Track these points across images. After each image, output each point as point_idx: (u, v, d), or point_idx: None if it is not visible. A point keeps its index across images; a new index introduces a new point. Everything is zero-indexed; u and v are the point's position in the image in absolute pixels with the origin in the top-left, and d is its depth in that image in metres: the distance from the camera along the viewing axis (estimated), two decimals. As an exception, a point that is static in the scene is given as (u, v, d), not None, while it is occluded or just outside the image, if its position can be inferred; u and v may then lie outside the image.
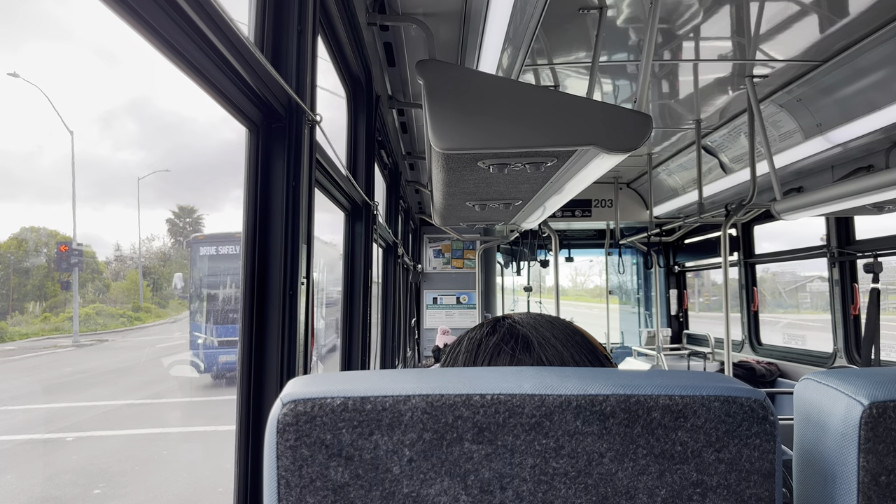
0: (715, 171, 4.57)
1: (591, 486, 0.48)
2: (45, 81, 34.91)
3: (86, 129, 35.08)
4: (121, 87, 46.08)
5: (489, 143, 1.37)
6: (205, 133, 46.37)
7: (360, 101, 2.59)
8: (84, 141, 34.82)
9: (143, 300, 13.69)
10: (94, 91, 43.64)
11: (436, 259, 6.76)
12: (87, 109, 42.82)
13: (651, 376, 0.51)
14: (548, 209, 2.50)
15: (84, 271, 12.41)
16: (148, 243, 10.47)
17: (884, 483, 0.57)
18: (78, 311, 12.62)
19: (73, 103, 38.26)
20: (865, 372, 0.62)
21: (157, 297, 13.18)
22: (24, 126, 43.01)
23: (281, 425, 0.48)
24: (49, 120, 30.75)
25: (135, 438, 8.42)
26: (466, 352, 0.73)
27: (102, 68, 42.20)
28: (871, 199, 2.62)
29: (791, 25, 2.51)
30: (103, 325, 12.34)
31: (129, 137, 51.38)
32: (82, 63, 41.73)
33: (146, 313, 14.09)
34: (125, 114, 48.66)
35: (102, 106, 44.28)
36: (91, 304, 11.37)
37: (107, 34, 40.61)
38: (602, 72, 3.06)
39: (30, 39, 38.67)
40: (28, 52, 36.70)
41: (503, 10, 1.79)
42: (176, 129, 47.35)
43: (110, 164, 31.43)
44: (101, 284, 11.21)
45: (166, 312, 13.07)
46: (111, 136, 46.28)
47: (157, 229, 30.26)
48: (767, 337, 5.77)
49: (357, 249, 2.62)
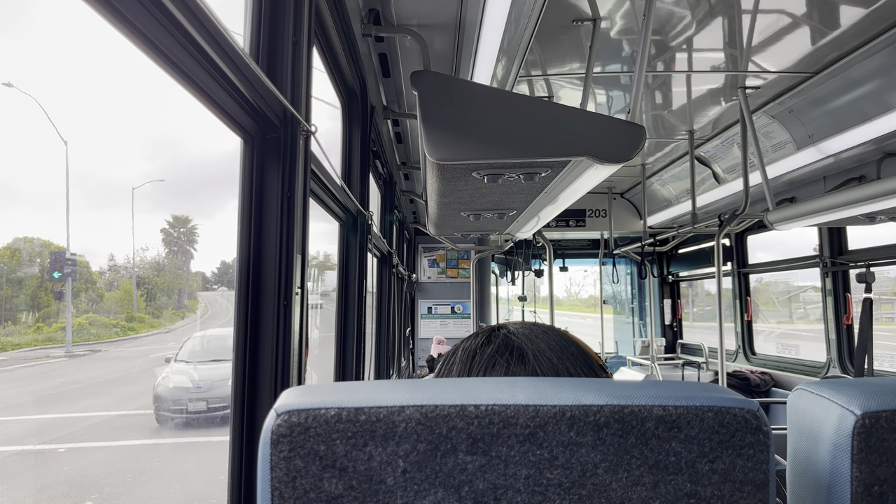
0: (708, 181, 4.59)
1: (585, 496, 0.48)
2: (41, 90, 34.85)
3: (81, 138, 35.04)
4: (116, 96, 46.11)
5: (483, 153, 1.38)
6: (200, 143, 46.23)
7: (354, 112, 2.59)
8: (79, 151, 34.75)
9: (137, 310, 13.53)
10: (90, 100, 43.68)
11: (430, 269, 6.76)
12: (87, 119, 42.83)
13: (645, 387, 0.51)
14: (542, 219, 2.50)
15: (78, 281, 12.27)
16: (142, 253, 10.34)
17: (877, 493, 0.57)
18: (71, 322, 12.39)
19: (68, 113, 38.26)
20: (858, 382, 0.62)
21: (150, 308, 13.06)
22: (20, 135, 42.80)
23: (275, 436, 0.48)
24: (44, 129, 30.68)
25: (127, 449, 8.36)
26: (461, 362, 0.73)
27: (96, 77, 42.24)
28: (863, 210, 2.64)
29: (783, 37, 2.53)
30: (96, 336, 12.15)
31: (126, 148, 51.34)
32: (75, 71, 41.74)
33: (140, 323, 13.90)
34: (122, 125, 48.73)
35: (100, 116, 44.34)
36: (84, 315, 11.20)
37: (101, 44, 40.59)
38: (596, 83, 3.08)
39: (24, 46, 38.67)
40: (20, 58, 36.77)
41: (497, 21, 1.80)
42: (172, 140, 47.28)
43: (105, 174, 31.19)
44: (94, 294, 11.07)
45: (160, 322, 12.93)
46: (108, 147, 46.32)
47: (152, 239, 29.91)
48: (761, 346, 5.78)
49: (352, 259, 2.61)
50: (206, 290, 13.88)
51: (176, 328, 12.32)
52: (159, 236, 21.51)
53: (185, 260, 15.43)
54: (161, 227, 15.68)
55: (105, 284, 10.40)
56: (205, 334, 12.48)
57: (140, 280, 11.52)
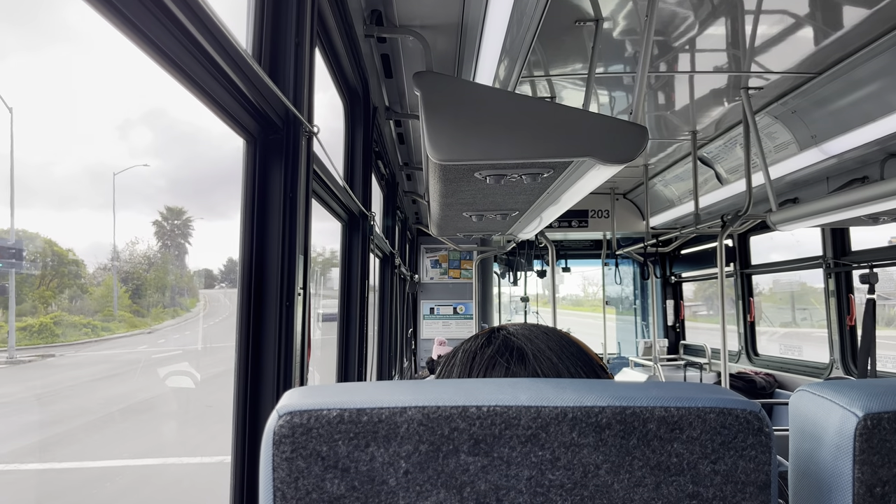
0: (711, 182, 4.58)
1: (587, 497, 0.48)
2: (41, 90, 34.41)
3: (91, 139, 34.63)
4: (117, 95, 45.94)
5: (486, 154, 1.38)
6: (216, 142, 45.91)
7: (357, 113, 2.60)
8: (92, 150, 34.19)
9: (119, 308, 12.45)
10: (94, 100, 43.50)
11: (433, 269, 6.76)
12: (99, 118, 42.44)
13: (647, 388, 0.51)
14: (544, 220, 2.50)
15: (67, 277, 11.42)
16: (131, 247, 9.67)
17: (878, 494, 0.57)
18: (14, 323, 10.48)
19: (80, 110, 37.89)
20: (861, 383, 0.62)
21: (136, 305, 12.22)
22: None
23: (277, 437, 0.48)
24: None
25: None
26: (461, 364, 0.73)
27: (96, 76, 42.01)
28: (867, 211, 2.63)
29: (786, 38, 2.52)
30: (62, 337, 10.42)
31: (140, 145, 50.71)
32: (73, 72, 41.49)
33: (119, 323, 12.58)
34: (126, 123, 48.51)
35: (109, 115, 44.05)
36: (52, 314, 9.90)
37: (103, 44, 40.29)
38: (598, 83, 3.08)
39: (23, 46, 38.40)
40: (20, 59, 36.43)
41: (500, 22, 1.80)
42: (188, 136, 46.59)
43: (119, 171, 30.75)
44: (77, 291, 10.18)
45: (145, 322, 12.02)
46: (123, 145, 45.93)
47: (143, 232, 28.77)
48: (764, 347, 5.77)
49: (354, 260, 2.62)
50: (210, 287, 13.53)
51: (161, 328, 11.31)
52: (151, 229, 20.56)
53: (180, 254, 14.92)
54: (154, 220, 14.85)
55: (88, 280, 9.52)
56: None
57: (127, 276, 10.82)
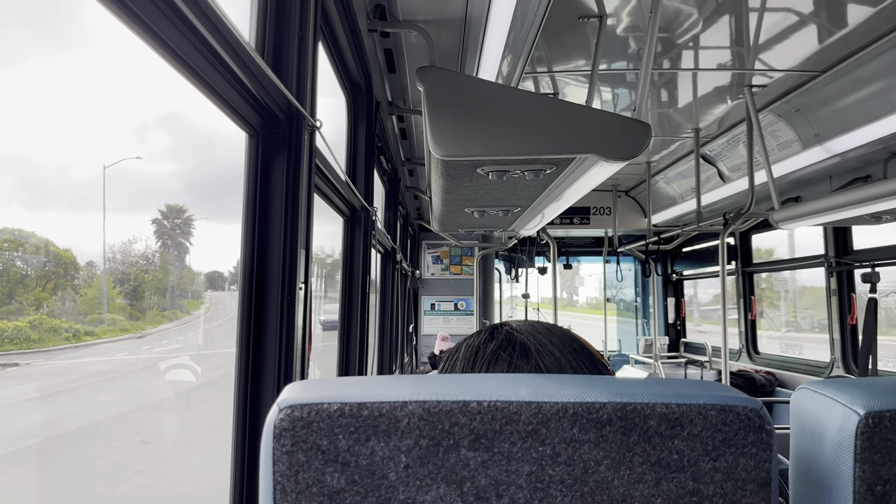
0: (713, 179, 4.58)
1: (587, 493, 0.48)
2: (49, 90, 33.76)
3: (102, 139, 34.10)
4: (121, 89, 45.67)
5: (488, 150, 1.38)
6: (230, 143, 44.99)
7: (360, 107, 2.59)
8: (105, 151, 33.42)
9: (109, 311, 11.93)
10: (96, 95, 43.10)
11: (434, 265, 6.76)
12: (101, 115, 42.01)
13: (648, 384, 0.51)
14: (546, 216, 2.50)
15: (63, 278, 11.21)
16: (129, 245, 9.52)
17: (879, 493, 0.57)
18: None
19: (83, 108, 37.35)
20: (862, 382, 0.62)
21: (130, 308, 11.99)
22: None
23: (277, 430, 0.48)
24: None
25: None
26: (464, 358, 0.73)
27: (98, 68, 41.68)
28: (869, 209, 2.63)
29: (790, 36, 2.52)
30: (37, 342, 9.56)
31: (155, 147, 50.30)
32: (74, 72, 41.01)
33: (108, 326, 11.91)
34: (142, 124, 48.12)
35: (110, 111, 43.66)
36: (28, 317, 9.20)
37: (106, 36, 39.67)
38: (601, 80, 3.07)
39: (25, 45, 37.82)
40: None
41: (503, 18, 1.79)
42: (201, 138, 46.26)
43: (136, 175, 29.80)
44: (71, 292, 9.97)
45: (138, 326, 11.67)
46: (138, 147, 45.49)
47: (142, 231, 27.90)
48: (765, 346, 5.77)
49: (355, 255, 2.62)
50: (220, 289, 13.35)
51: (154, 332, 10.84)
52: (151, 228, 19.92)
53: (180, 254, 14.72)
54: (153, 218, 14.57)
55: (83, 281, 9.24)
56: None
57: (124, 276, 10.60)
